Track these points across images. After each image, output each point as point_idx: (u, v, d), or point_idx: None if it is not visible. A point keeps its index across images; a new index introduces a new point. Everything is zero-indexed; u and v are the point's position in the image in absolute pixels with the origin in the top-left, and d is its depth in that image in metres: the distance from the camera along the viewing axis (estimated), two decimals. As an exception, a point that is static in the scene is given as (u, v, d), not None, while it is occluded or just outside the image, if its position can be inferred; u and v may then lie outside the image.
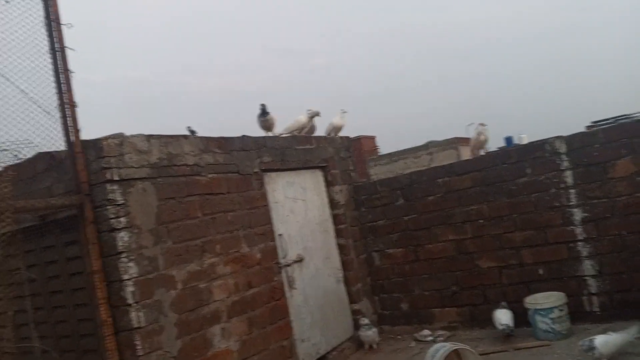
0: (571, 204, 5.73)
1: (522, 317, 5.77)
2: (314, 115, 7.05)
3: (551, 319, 5.48)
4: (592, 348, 4.57)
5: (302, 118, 6.95)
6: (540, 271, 5.93)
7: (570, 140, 5.74)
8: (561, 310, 5.51)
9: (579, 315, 5.70)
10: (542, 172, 5.86)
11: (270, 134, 6.60)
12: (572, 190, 5.72)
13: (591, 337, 4.66)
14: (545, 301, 5.60)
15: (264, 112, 6.58)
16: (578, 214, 5.70)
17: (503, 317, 5.80)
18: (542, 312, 5.53)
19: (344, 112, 7.47)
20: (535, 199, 5.92)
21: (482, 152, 7.36)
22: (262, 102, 6.62)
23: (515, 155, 6.08)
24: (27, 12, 4.09)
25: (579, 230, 5.71)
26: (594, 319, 5.66)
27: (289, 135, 6.68)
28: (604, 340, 4.60)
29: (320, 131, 7.38)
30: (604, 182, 5.55)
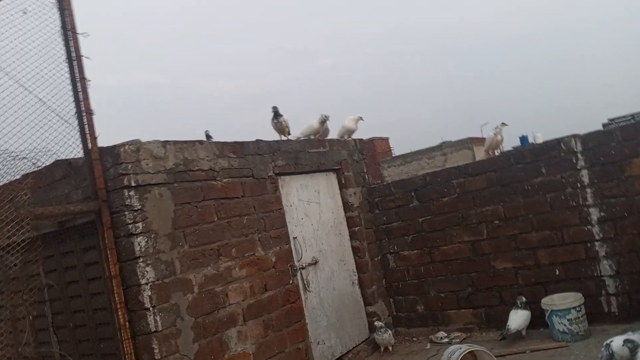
0: (588, 203, 5.67)
1: (539, 319, 5.73)
2: (324, 120, 7.05)
3: (568, 320, 5.42)
4: (611, 356, 4.31)
5: (315, 123, 6.96)
6: (557, 272, 5.88)
7: (586, 138, 5.69)
8: (578, 311, 5.46)
9: (597, 316, 5.64)
10: (558, 171, 5.81)
11: (283, 137, 6.63)
12: (588, 190, 5.67)
13: (607, 342, 4.40)
14: (562, 302, 5.54)
15: (276, 115, 6.62)
16: (595, 214, 5.65)
17: (512, 319, 5.74)
18: (559, 313, 5.48)
19: (361, 118, 7.47)
20: (551, 199, 5.87)
21: (497, 152, 7.33)
22: (274, 105, 6.66)
23: (531, 155, 6.04)
24: (44, 22, 4.17)
25: (596, 229, 5.66)
26: (613, 320, 5.59)
27: (302, 138, 6.70)
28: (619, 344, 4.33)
29: (332, 134, 7.38)
30: (621, 180, 5.49)
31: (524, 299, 5.88)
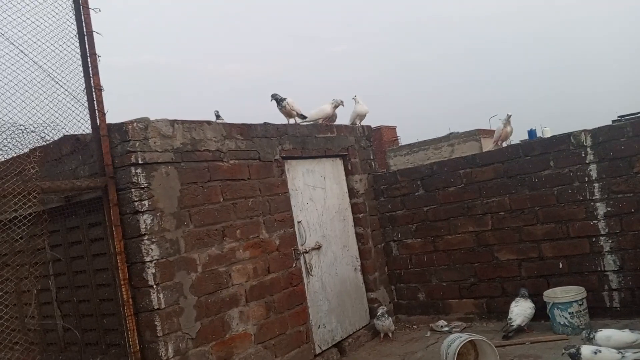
0: (595, 197, 5.65)
1: (540, 311, 5.73)
2: (337, 105, 6.99)
3: (570, 313, 5.43)
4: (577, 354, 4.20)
5: (327, 107, 6.90)
6: (561, 265, 5.88)
7: (596, 133, 5.64)
8: (580, 304, 5.46)
9: (599, 310, 5.64)
10: (566, 165, 5.78)
11: (292, 120, 6.56)
12: (596, 184, 5.64)
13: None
14: (564, 295, 5.55)
15: (279, 101, 6.45)
16: (601, 208, 5.62)
17: (515, 313, 5.71)
18: (560, 306, 5.49)
19: (355, 98, 7.35)
20: (557, 192, 5.85)
21: (505, 144, 7.28)
22: (273, 93, 6.47)
23: (539, 147, 6.01)
24: (56, -3, 4.15)
25: (601, 224, 5.64)
26: (614, 315, 5.60)
27: (310, 123, 6.67)
28: (606, 336, 4.37)
29: (340, 119, 7.33)
30: (630, 176, 5.46)
31: (525, 290, 5.87)
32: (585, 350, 4.21)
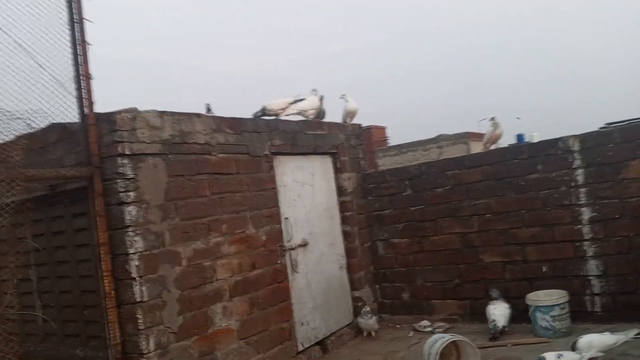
0: (580, 202, 5.69)
1: (523, 314, 5.78)
2: (322, 97, 6.89)
3: (552, 316, 5.47)
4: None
5: (315, 100, 6.81)
6: (544, 268, 5.92)
7: (584, 138, 5.69)
8: (562, 308, 5.50)
9: (580, 314, 5.69)
10: (554, 169, 5.82)
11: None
12: (582, 189, 5.68)
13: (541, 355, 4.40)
14: (547, 298, 5.59)
15: (263, 114, 6.22)
16: (587, 213, 5.67)
17: (496, 314, 5.75)
18: (543, 309, 5.53)
19: (344, 97, 7.32)
20: (544, 196, 5.89)
21: (494, 147, 7.33)
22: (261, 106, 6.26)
23: (528, 151, 6.05)
24: (47, -17, 4.08)
25: (586, 229, 5.68)
26: (595, 319, 5.65)
27: (301, 119, 6.62)
28: (587, 341, 4.46)
29: (330, 117, 7.27)
30: (616, 182, 5.51)
31: (498, 292, 5.96)
32: (550, 356, 4.32)
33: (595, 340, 4.49)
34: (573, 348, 4.50)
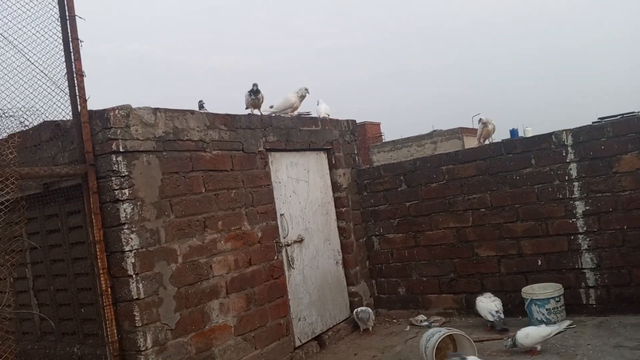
0: (574, 196, 5.72)
1: (518, 307, 5.81)
2: (303, 94, 6.68)
3: (547, 309, 5.51)
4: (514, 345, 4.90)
5: (292, 97, 6.63)
6: (539, 262, 5.95)
7: (577, 132, 5.71)
8: (557, 301, 5.54)
9: (575, 307, 5.73)
10: (547, 163, 5.85)
11: (257, 111, 6.35)
12: (575, 183, 5.71)
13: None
14: (542, 292, 5.63)
15: (256, 92, 6.18)
16: (580, 207, 5.70)
17: (497, 307, 5.77)
18: (538, 303, 5.57)
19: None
20: (538, 190, 5.92)
21: (487, 142, 7.35)
22: (255, 82, 6.24)
23: (521, 145, 6.06)
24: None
25: (580, 223, 5.72)
26: (590, 312, 5.69)
27: (294, 115, 6.61)
28: (525, 333, 4.84)
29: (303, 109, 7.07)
30: (609, 176, 5.54)
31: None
32: (520, 333, 4.89)
33: (532, 332, 4.87)
34: (513, 340, 4.89)
